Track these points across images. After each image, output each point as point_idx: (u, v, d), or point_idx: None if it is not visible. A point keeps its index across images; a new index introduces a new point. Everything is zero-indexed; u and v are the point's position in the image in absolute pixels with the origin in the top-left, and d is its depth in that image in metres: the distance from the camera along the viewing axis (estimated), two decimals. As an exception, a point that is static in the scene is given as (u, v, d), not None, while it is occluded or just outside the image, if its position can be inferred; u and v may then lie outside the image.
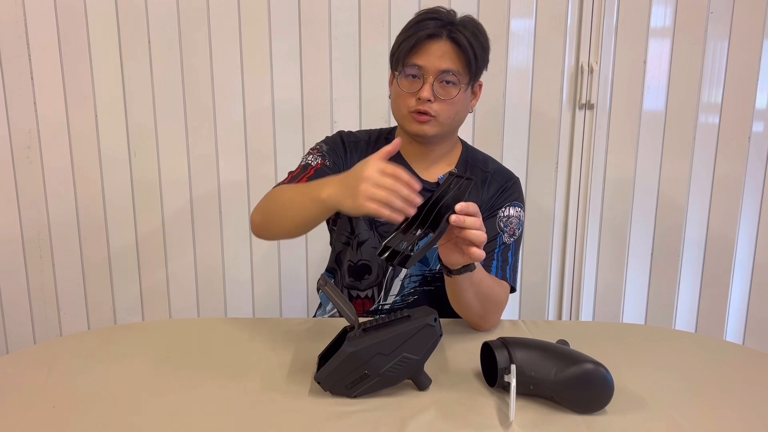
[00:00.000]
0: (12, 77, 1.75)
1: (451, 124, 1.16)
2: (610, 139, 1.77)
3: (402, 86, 1.13)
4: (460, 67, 1.12)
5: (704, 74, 1.72)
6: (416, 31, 1.11)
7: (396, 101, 1.17)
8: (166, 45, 1.73)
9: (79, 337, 1.11)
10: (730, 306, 1.86)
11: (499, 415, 0.84)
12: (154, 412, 0.86)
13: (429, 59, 1.10)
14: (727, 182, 1.78)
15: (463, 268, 0.99)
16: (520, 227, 1.22)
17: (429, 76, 1.11)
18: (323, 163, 1.18)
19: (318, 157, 1.20)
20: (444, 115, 1.13)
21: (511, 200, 1.22)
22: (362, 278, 1.25)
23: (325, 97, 1.76)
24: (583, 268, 1.84)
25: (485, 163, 1.26)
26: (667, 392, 0.91)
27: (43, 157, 1.80)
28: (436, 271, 1.23)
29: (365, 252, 1.23)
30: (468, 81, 1.13)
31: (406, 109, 1.14)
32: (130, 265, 1.87)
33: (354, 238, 1.24)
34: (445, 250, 0.97)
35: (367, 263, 1.24)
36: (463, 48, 1.10)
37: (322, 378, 0.88)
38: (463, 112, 1.17)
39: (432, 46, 1.11)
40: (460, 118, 1.17)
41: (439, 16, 1.12)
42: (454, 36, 1.10)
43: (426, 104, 1.11)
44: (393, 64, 1.16)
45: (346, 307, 0.88)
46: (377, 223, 1.22)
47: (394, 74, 1.16)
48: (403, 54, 1.12)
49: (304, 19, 1.72)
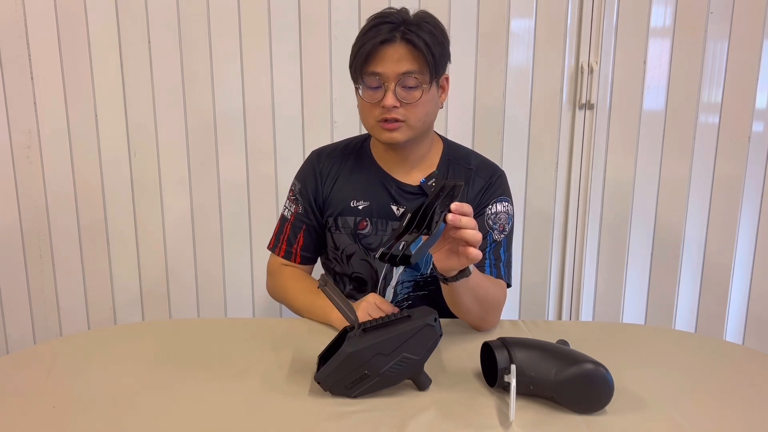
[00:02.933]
0: (12, 77, 1.75)
1: (422, 126, 1.14)
2: (610, 139, 1.77)
3: (365, 97, 1.11)
4: (420, 66, 1.08)
5: (704, 74, 1.72)
6: (370, 38, 1.08)
7: (362, 113, 1.15)
8: (166, 45, 1.73)
9: (79, 337, 1.11)
10: (729, 306, 1.86)
11: (499, 415, 0.84)
12: (154, 412, 0.86)
13: (386, 65, 1.08)
14: (727, 182, 1.78)
15: (458, 275, 0.97)
16: (509, 222, 1.20)
17: (389, 82, 1.08)
18: (296, 212, 1.25)
19: (292, 204, 1.27)
20: (413, 118, 1.11)
21: (497, 195, 1.20)
22: (361, 290, 1.25)
23: (325, 97, 1.76)
24: (583, 268, 1.85)
25: (467, 159, 1.24)
26: (667, 392, 0.91)
27: (43, 157, 1.80)
28: (428, 275, 1.22)
29: (355, 265, 1.23)
30: (430, 79, 1.10)
31: (373, 119, 1.12)
32: (130, 265, 1.87)
33: (341, 253, 1.24)
34: (440, 257, 0.95)
35: (360, 275, 1.24)
36: (419, 48, 1.07)
37: (322, 378, 0.88)
38: (432, 112, 1.15)
39: (387, 51, 1.08)
40: (430, 118, 1.15)
41: (391, 18, 1.09)
42: (408, 37, 1.07)
43: (392, 111, 1.09)
44: (352, 75, 1.14)
45: (346, 307, 0.88)
46: (360, 236, 1.21)
47: (356, 87, 1.13)
48: (359, 64, 1.09)
49: (304, 19, 1.72)
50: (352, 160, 1.24)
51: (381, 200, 1.20)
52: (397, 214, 1.20)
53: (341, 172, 1.23)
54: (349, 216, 1.21)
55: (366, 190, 1.21)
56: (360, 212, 1.21)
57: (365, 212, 1.20)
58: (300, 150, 1.77)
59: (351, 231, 1.21)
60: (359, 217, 1.21)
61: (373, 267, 1.22)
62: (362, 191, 1.21)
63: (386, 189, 1.20)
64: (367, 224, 1.20)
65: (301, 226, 1.24)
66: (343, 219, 1.21)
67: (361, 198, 1.21)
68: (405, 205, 1.20)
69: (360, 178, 1.22)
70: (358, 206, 1.21)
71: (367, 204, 1.20)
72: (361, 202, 1.20)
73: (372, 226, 1.20)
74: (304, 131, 1.78)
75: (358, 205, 1.21)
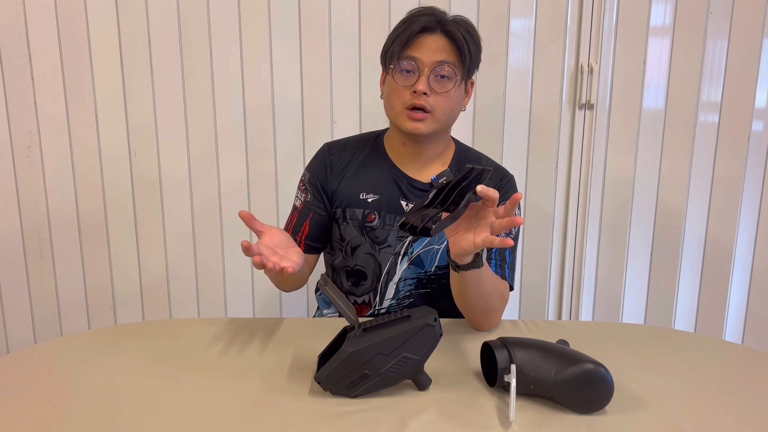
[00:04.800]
0: (12, 77, 1.75)
1: (446, 120, 1.15)
2: (609, 138, 1.77)
3: (397, 80, 1.12)
4: (455, 60, 1.11)
5: (704, 73, 1.72)
6: (410, 24, 1.11)
7: (390, 97, 1.15)
8: (166, 45, 1.73)
9: (79, 337, 1.11)
10: (729, 305, 1.86)
11: (499, 415, 0.84)
12: (154, 412, 0.86)
13: (424, 51, 1.10)
14: (727, 181, 1.78)
15: (471, 264, 0.97)
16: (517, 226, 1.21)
17: (425, 68, 1.10)
18: (305, 200, 1.25)
19: (302, 194, 1.27)
20: (440, 110, 1.12)
21: (507, 199, 1.20)
22: (359, 284, 1.25)
23: (325, 97, 1.76)
24: (583, 267, 1.85)
25: (479, 161, 1.26)
26: (667, 392, 0.91)
27: (43, 157, 1.80)
28: (432, 273, 1.23)
29: (359, 257, 1.23)
30: (462, 75, 1.13)
31: (401, 105, 1.13)
32: (130, 265, 1.88)
33: (346, 244, 1.24)
34: (456, 239, 0.93)
35: (362, 268, 1.24)
36: (457, 41, 1.10)
37: (322, 378, 0.88)
38: (457, 109, 1.17)
39: (427, 39, 1.11)
40: (454, 114, 1.17)
41: (433, 12, 1.12)
42: (449, 29, 1.11)
43: (422, 98, 1.10)
44: (386, 60, 1.16)
45: (346, 307, 0.88)
46: (367, 228, 1.22)
47: (388, 69, 1.15)
48: (397, 48, 1.11)
49: (304, 19, 1.72)
50: (364, 154, 1.25)
51: (391, 195, 1.20)
52: (406, 210, 1.20)
53: (352, 164, 1.24)
54: (357, 208, 1.21)
55: (376, 183, 1.21)
56: (369, 205, 1.21)
57: (374, 205, 1.21)
58: (300, 150, 1.78)
59: (359, 223, 1.21)
60: (368, 210, 1.21)
61: (377, 261, 1.22)
62: (372, 184, 1.21)
63: (397, 184, 1.21)
64: (375, 217, 1.21)
65: (308, 214, 1.24)
66: (352, 211, 1.22)
67: (371, 191, 1.21)
68: (414, 202, 1.20)
69: (371, 171, 1.22)
70: (367, 199, 1.21)
71: (376, 197, 1.21)
72: (371, 195, 1.21)
73: (380, 220, 1.21)
74: (304, 131, 1.78)
75: (367, 198, 1.21)
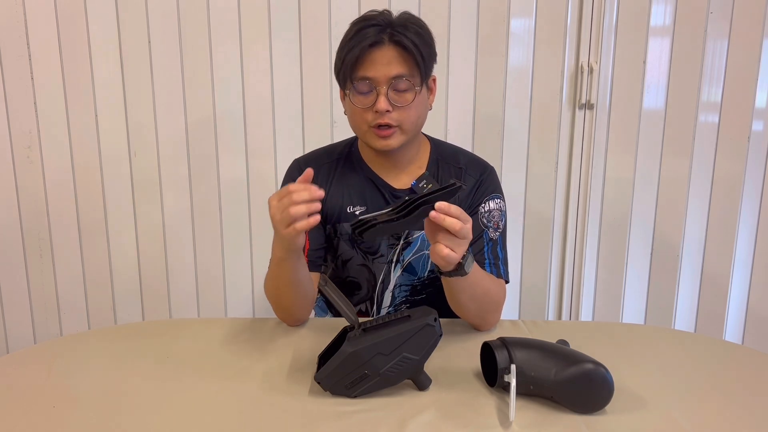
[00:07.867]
0: (12, 77, 1.75)
1: (415, 129, 1.12)
2: (609, 138, 1.77)
3: (356, 103, 1.08)
4: (410, 69, 1.06)
5: (704, 73, 1.72)
6: (357, 42, 1.05)
7: (353, 118, 1.12)
8: (166, 45, 1.73)
9: (79, 337, 1.11)
10: (729, 306, 1.86)
11: (499, 415, 0.84)
12: (154, 412, 0.86)
13: (377, 69, 1.05)
14: (727, 181, 1.78)
15: (453, 271, 0.96)
16: (503, 219, 1.19)
17: (381, 86, 1.06)
18: None
19: None
20: (406, 122, 1.09)
21: (489, 193, 1.19)
22: (352, 294, 1.24)
23: (325, 97, 1.76)
24: (583, 268, 1.85)
25: (456, 157, 1.22)
26: (667, 392, 0.91)
27: (43, 157, 1.80)
28: (425, 278, 1.22)
29: (351, 269, 1.22)
30: (421, 81, 1.09)
31: (365, 125, 1.10)
32: (130, 265, 1.87)
33: (337, 257, 1.23)
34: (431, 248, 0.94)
35: (355, 279, 1.23)
36: (408, 50, 1.05)
37: (322, 378, 0.88)
38: (423, 114, 1.13)
39: (376, 54, 1.05)
40: (421, 121, 1.13)
41: (376, 21, 1.06)
42: (397, 39, 1.05)
43: (385, 116, 1.07)
44: (340, 81, 1.11)
45: (346, 307, 0.88)
46: (358, 242, 1.20)
47: (345, 92, 1.11)
48: (348, 69, 1.06)
49: (304, 19, 1.72)
50: (342, 166, 1.22)
51: (377, 203, 1.19)
52: None
53: (334, 178, 1.21)
54: (346, 222, 1.19)
55: (361, 194, 1.20)
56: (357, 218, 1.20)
57: None
58: (300, 150, 1.77)
59: (349, 237, 1.20)
60: None
61: (372, 271, 1.21)
62: (358, 196, 1.20)
63: (380, 192, 1.19)
64: None
65: None
66: (341, 226, 1.20)
67: (358, 203, 1.19)
68: None
69: (354, 182, 1.20)
70: (355, 212, 1.19)
71: (363, 209, 1.19)
72: (358, 207, 1.19)
73: None
74: (304, 131, 1.78)
75: (354, 211, 1.19)
